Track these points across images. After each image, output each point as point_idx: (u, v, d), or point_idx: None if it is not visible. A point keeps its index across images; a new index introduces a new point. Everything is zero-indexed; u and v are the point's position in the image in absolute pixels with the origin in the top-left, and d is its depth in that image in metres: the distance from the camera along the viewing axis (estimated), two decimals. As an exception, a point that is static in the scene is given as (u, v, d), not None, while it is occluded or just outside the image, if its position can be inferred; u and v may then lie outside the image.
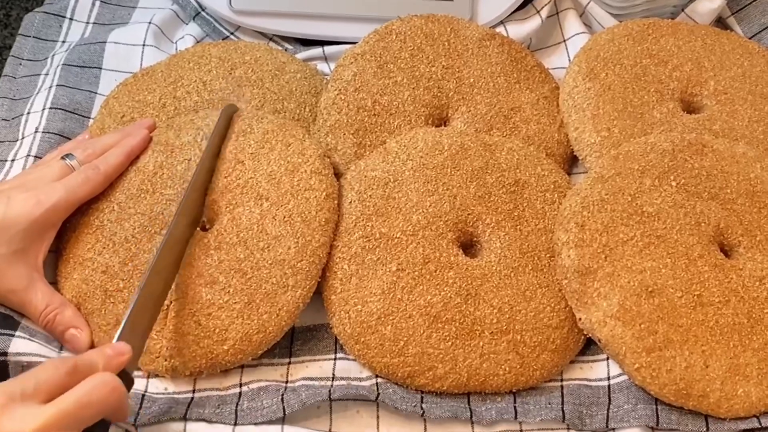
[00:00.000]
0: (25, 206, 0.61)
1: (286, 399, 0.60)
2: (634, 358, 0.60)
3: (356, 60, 0.75)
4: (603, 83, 0.74)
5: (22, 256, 0.61)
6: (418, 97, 0.74)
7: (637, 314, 0.60)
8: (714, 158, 0.67)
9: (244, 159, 0.66)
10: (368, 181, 0.66)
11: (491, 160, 0.68)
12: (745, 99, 0.74)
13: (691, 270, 0.62)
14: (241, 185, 0.65)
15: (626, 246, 0.63)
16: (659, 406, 0.61)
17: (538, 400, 0.62)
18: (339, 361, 0.63)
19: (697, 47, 0.77)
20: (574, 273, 0.62)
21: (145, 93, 0.76)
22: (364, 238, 0.64)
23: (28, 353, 0.60)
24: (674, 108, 0.74)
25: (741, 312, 0.61)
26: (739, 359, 0.60)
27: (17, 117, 0.79)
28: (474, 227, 0.66)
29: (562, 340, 0.63)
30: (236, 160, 0.66)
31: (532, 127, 0.74)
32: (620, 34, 0.78)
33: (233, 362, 0.61)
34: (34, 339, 0.62)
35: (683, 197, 0.65)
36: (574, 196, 0.66)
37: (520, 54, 0.79)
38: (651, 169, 0.66)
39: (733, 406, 0.59)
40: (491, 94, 0.75)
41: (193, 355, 0.61)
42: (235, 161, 0.66)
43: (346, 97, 0.73)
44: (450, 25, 0.78)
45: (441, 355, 0.61)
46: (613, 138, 0.71)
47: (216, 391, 0.62)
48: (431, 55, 0.76)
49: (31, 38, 0.87)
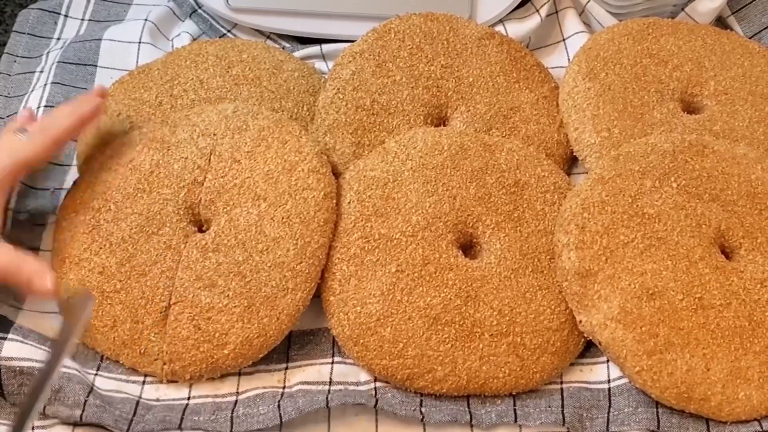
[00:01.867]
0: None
1: (282, 406, 0.59)
2: (634, 361, 0.59)
3: (354, 59, 0.74)
4: (603, 83, 0.74)
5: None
6: (417, 97, 0.73)
7: (637, 317, 0.60)
8: (715, 159, 0.67)
9: (240, 158, 0.66)
10: (367, 181, 0.66)
11: (491, 161, 0.68)
12: (745, 99, 0.74)
13: (692, 272, 0.62)
14: (238, 185, 0.64)
15: (627, 248, 0.62)
16: (660, 410, 0.60)
17: (538, 403, 0.61)
18: (336, 365, 0.63)
19: (698, 47, 0.77)
20: (575, 275, 0.62)
21: (141, 91, 0.75)
22: (363, 239, 0.63)
23: (20, 357, 0.59)
24: (674, 108, 0.73)
25: (742, 315, 0.61)
26: (741, 362, 0.60)
27: (12, 115, 0.78)
28: (474, 228, 0.65)
29: (562, 342, 0.62)
30: (232, 158, 0.66)
31: (531, 127, 0.74)
32: (620, 33, 0.77)
33: (234, 367, 0.61)
34: (27, 341, 0.61)
35: (684, 199, 0.65)
36: (574, 198, 0.65)
37: (519, 53, 0.78)
38: (651, 170, 0.66)
39: (735, 410, 0.59)
40: (490, 93, 0.74)
41: (193, 359, 0.60)
42: (231, 160, 0.66)
43: (344, 96, 0.72)
44: (449, 24, 0.78)
45: (440, 358, 0.60)
46: (613, 138, 0.71)
47: (211, 397, 0.61)
48: (430, 54, 0.75)
49: (26, 35, 0.86)
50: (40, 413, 0.58)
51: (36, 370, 0.59)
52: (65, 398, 0.58)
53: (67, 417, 0.58)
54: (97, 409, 0.58)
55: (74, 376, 0.60)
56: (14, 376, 0.58)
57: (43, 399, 0.49)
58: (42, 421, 0.59)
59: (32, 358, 0.60)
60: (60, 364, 0.50)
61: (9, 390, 0.59)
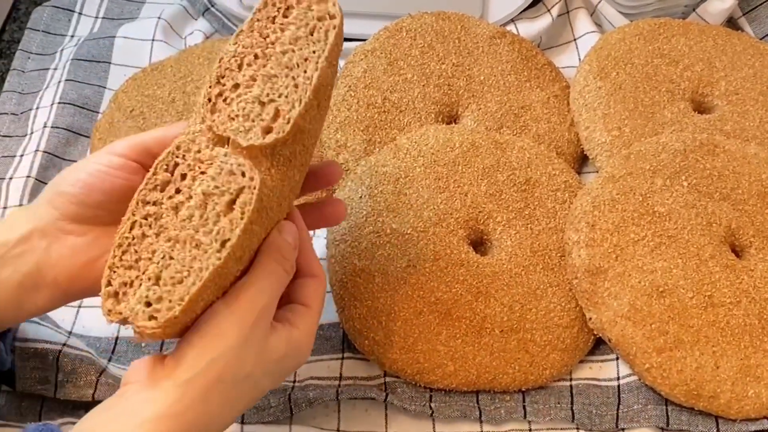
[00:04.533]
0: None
1: (293, 398, 0.59)
2: (644, 358, 0.59)
3: (366, 57, 0.75)
4: (614, 82, 0.74)
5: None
6: (428, 95, 0.73)
7: (647, 314, 0.60)
8: (726, 159, 0.67)
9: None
10: (379, 176, 0.66)
11: (502, 159, 0.68)
12: (756, 100, 0.74)
13: (702, 270, 0.62)
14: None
15: (637, 246, 0.62)
16: (669, 407, 0.60)
17: (548, 400, 0.61)
18: (346, 360, 0.63)
19: (708, 47, 0.77)
20: (585, 272, 0.62)
21: (154, 88, 0.76)
22: (374, 234, 0.63)
23: (35, 339, 0.60)
24: (685, 108, 0.73)
25: (752, 313, 0.61)
26: (750, 360, 0.60)
27: (26, 111, 0.79)
28: (485, 225, 0.65)
29: (572, 339, 0.63)
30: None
31: (542, 125, 0.74)
32: (631, 33, 0.78)
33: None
34: (44, 323, 0.61)
35: (695, 197, 0.65)
36: (585, 196, 0.65)
37: (530, 52, 0.78)
38: (662, 169, 0.66)
39: (744, 407, 0.59)
40: (501, 92, 0.75)
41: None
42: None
43: (356, 93, 0.72)
44: (460, 23, 0.78)
45: (451, 353, 0.60)
46: (623, 137, 0.71)
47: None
48: (441, 53, 0.76)
49: (40, 32, 0.87)
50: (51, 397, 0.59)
51: (50, 352, 0.59)
52: (77, 380, 0.59)
53: (78, 397, 0.59)
54: (109, 387, 0.59)
55: (86, 357, 0.60)
56: (27, 358, 0.59)
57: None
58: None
59: (48, 340, 0.60)
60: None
61: (21, 373, 0.59)
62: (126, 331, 0.65)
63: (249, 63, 0.47)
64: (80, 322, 0.66)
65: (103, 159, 0.50)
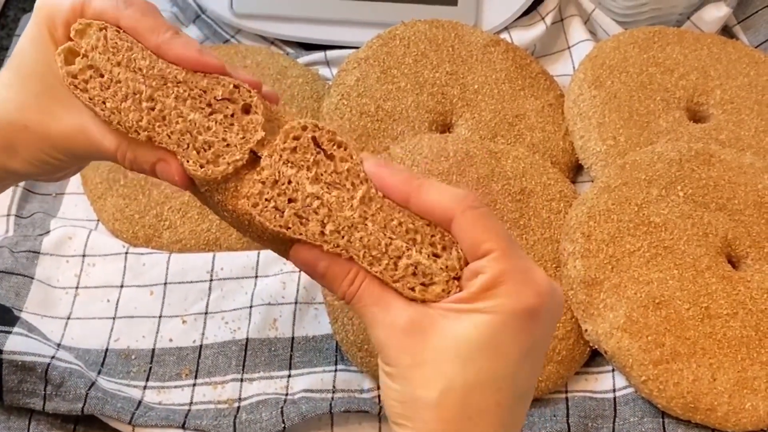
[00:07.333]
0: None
1: (285, 412, 0.59)
2: (641, 370, 0.59)
3: (359, 65, 0.74)
4: (608, 91, 0.73)
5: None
6: (421, 103, 0.73)
7: (644, 326, 0.59)
8: (721, 168, 0.67)
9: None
10: (372, 187, 0.65)
11: (497, 168, 0.67)
12: (751, 108, 0.73)
13: (699, 282, 0.61)
14: None
15: (633, 257, 0.62)
16: (666, 420, 0.60)
17: (543, 412, 0.61)
18: (340, 372, 0.62)
19: (703, 56, 0.77)
20: (580, 284, 0.61)
21: (144, 96, 0.75)
22: (368, 246, 0.63)
23: (24, 352, 0.59)
24: (680, 117, 0.73)
25: (749, 324, 0.60)
26: (747, 372, 0.59)
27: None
28: (479, 236, 0.65)
29: (567, 351, 0.62)
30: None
31: (536, 134, 0.73)
32: (626, 41, 0.77)
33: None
34: (32, 335, 0.61)
35: (690, 208, 0.64)
36: (580, 206, 0.65)
37: (524, 60, 0.78)
38: (658, 179, 0.65)
39: (741, 420, 0.59)
40: (496, 100, 0.74)
41: None
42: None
43: (348, 102, 0.72)
44: (454, 31, 0.77)
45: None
46: (618, 147, 0.70)
47: (213, 404, 0.61)
48: (435, 61, 0.75)
49: (29, 39, 0.86)
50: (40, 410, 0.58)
51: (38, 365, 0.58)
52: (66, 393, 0.58)
53: (68, 411, 0.58)
54: (99, 401, 0.58)
55: (75, 371, 0.59)
56: (15, 371, 0.58)
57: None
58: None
59: (36, 353, 0.59)
60: None
61: (8, 386, 0.58)
62: (115, 344, 0.64)
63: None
64: (69, 335, 0.65)
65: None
